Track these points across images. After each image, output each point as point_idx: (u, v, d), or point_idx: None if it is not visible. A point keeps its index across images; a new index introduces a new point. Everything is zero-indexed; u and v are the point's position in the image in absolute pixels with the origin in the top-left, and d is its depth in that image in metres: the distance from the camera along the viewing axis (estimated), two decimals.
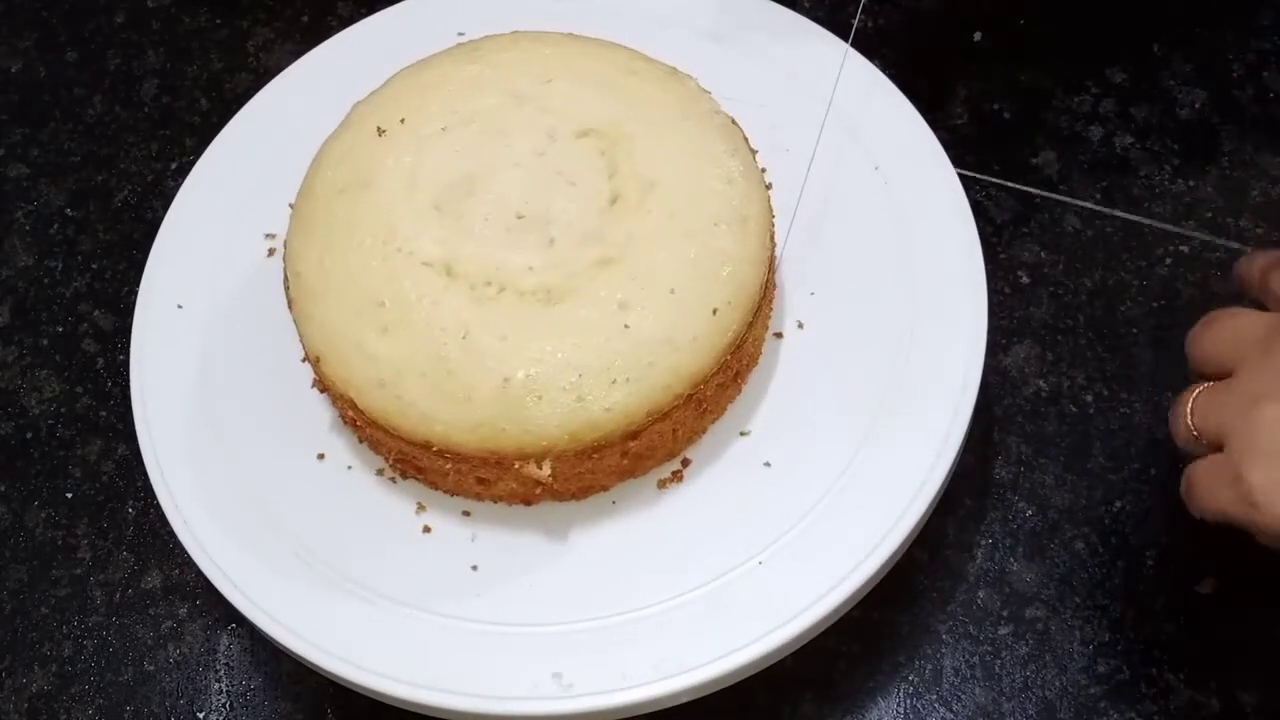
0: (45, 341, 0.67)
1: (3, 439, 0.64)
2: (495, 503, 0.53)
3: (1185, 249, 0.64)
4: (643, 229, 0.51)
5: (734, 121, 0.56)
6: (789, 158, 0.58)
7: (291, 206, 0.55)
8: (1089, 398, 0.61)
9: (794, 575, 0.50)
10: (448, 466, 0.51)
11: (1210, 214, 0.65)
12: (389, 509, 0.54)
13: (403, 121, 0.54)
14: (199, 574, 0.52)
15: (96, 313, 0.68)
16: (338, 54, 0.65)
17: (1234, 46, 0.70)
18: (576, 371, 0.49)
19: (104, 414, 0.65)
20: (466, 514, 0.53)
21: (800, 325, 0.56)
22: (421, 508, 0.54)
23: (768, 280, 0.53)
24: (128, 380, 0.57)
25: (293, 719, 0.57)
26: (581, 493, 0.53)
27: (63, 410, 0.65)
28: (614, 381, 0.49)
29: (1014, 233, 0.65)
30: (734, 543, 0.51)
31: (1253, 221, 0.65)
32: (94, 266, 0.69)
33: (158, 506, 0.54)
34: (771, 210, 0.54)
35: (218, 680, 0.58)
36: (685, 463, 0.54)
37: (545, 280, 0.50)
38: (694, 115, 0.55)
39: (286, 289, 0.54)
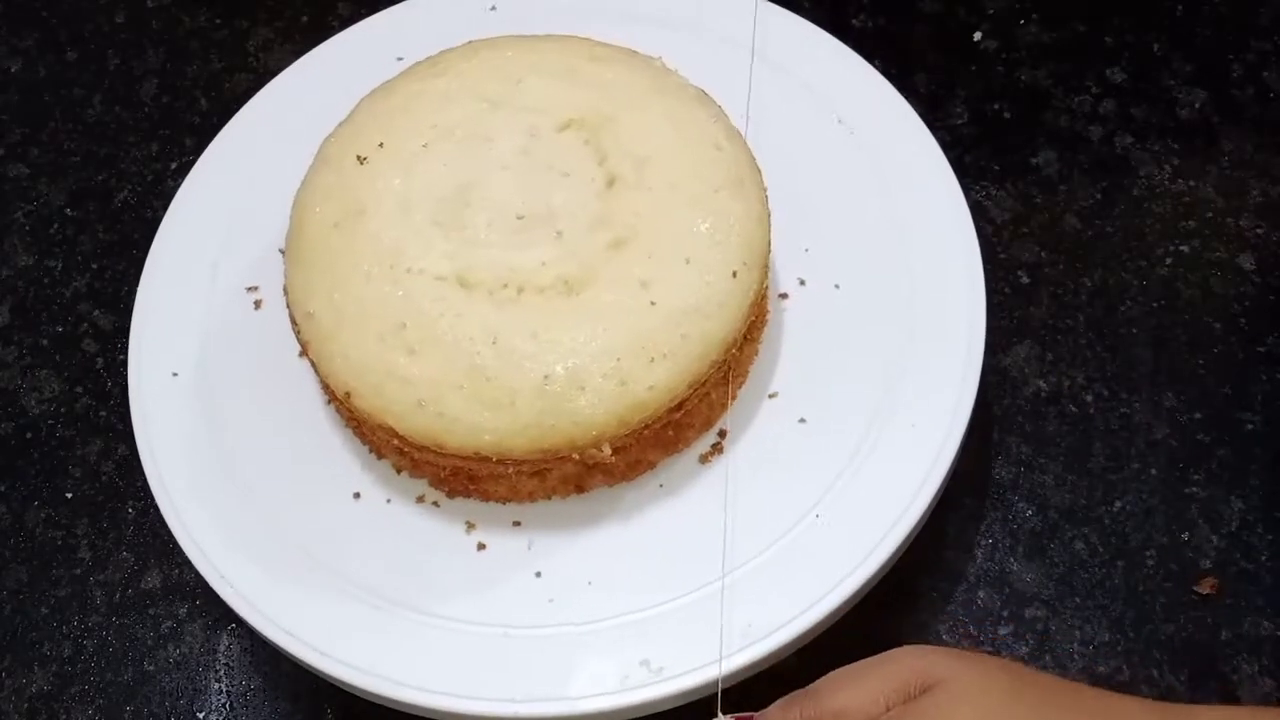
0: (45, 341, 0.67)
1: (3, 439, 0.64)
2: (549, 499, 0.53)
3: (1185, 249, 0.64)
4: (647, 205, 0.52)
5: (705, 93, 0.56)
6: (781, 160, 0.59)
7: (282, 251, 0.55)
8: (1089, 398, 0.61)
9: (780, 584, 0.50)
10: (509, 470, 0.51)
11: (1211, 214, 0.65)
12: (439, 533, 0.53)
13: (381, 145, 0.54)
14: (198, 574, 0.52)
15: (96, 312, 0.68)
16: (337, 54, 0.65)
17: (1234, 46, 0.70)
18: (614, 356, 0.49)
19: (104, 414, 0.65)
20: (517, 524, 0.53)
21: (802, 282, 0.57)
22: (471, 526, 0.53)
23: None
24: (127, 380, 0.57)
25: (293, 719, 0.57)
26: (631, 470, 0.53)
27: (62, 410, 0.65)
28: (652, 360, 0.49)
29: (1014, 232, 0.65)
30: (790, 501, 0.52)
31: (1253, 222, 0.65)
32: (94, 266, 0.69)
33: (157, 506, 0.54)
34: (759, 170, 0.55)
35: (218, 680, 0.58)
36: (722, 434, 0.54)
37: (562, 272, 0.51)
38: (667, 90, 0.55)
39: (297, 333, 0.53)
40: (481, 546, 0.53)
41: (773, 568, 0.51)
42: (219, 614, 0.59)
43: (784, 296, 0.57)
